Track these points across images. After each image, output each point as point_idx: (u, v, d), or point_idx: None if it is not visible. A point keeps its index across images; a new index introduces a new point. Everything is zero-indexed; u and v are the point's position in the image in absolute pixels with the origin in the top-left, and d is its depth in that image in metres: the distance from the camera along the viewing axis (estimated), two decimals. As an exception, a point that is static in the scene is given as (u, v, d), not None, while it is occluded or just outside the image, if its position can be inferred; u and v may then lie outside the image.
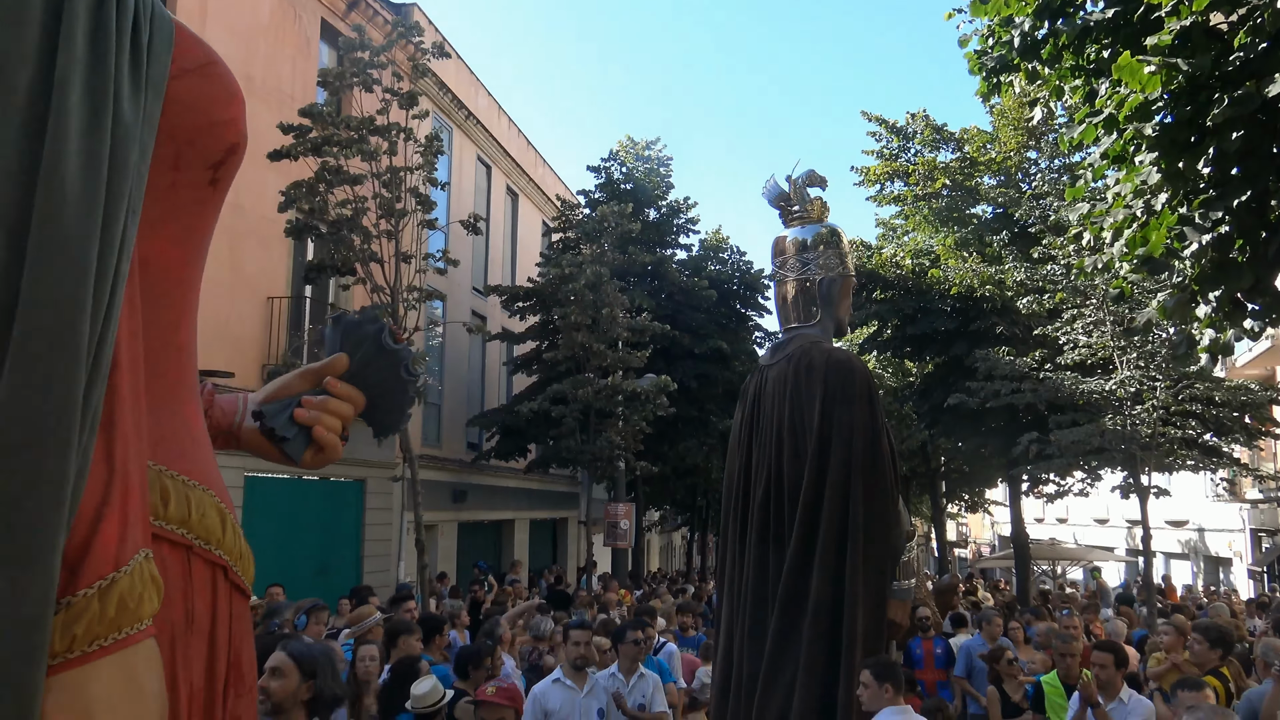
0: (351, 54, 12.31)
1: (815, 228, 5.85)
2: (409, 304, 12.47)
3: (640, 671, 7.11)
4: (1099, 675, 5.89)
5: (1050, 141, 18.65)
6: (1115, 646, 6.33)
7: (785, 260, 5.85)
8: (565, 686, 6.11)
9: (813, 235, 5.81)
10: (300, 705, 3.50)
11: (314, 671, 3.55)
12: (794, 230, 5.87)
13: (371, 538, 17.65)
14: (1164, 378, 14.12)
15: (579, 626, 6.51)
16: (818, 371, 5.40)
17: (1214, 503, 25.77)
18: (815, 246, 5.77)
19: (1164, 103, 5.53)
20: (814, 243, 5.78)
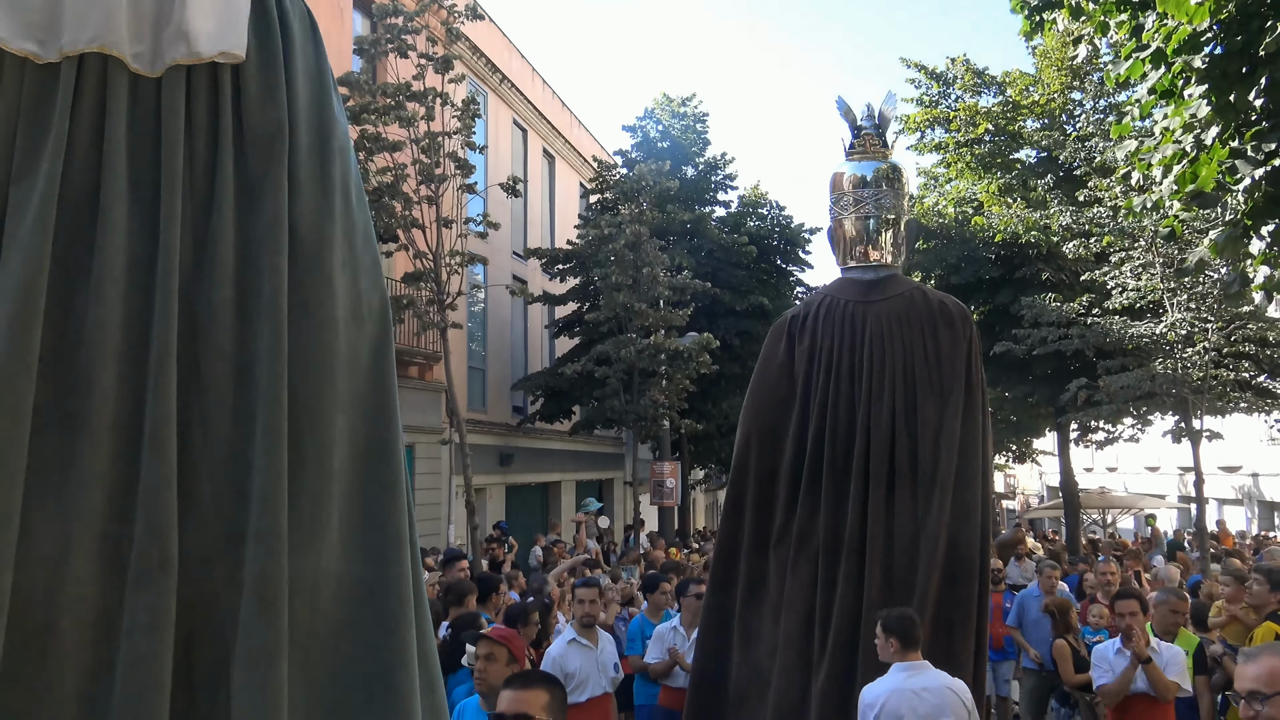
0: (385, 20, 12.33)
1: (895, 163, 5.50)
2: (451, 269, 12.57)
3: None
4: (1129, 623, 5.64)
5: (1095, 80, 18.26)
6: (1138, 593, 6.09)
7: (876, 194, 5.35)
8: (581, 646, 6.09)
9: (899, 171, 5.46)
10: None
11: None
12: (875, 163, 5.39)
13: (422, 502, 17.92)
14: (1215, 319, 13.88)
15: (585, 585, 6.52)
16: (959, 320, 5.16)
17: (1269, 446, 25.35)
18: (903, 182, 5.46)
19: (1213, 34, 5.41)
20: (903, 179, 5.46)
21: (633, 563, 13.78)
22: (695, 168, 25.74)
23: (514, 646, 4.59)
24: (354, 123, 11.87)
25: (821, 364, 5.16)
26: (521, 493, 23.48)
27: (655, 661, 7.15)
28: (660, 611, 7.83)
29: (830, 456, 5.01)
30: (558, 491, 25.62)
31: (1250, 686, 2.57)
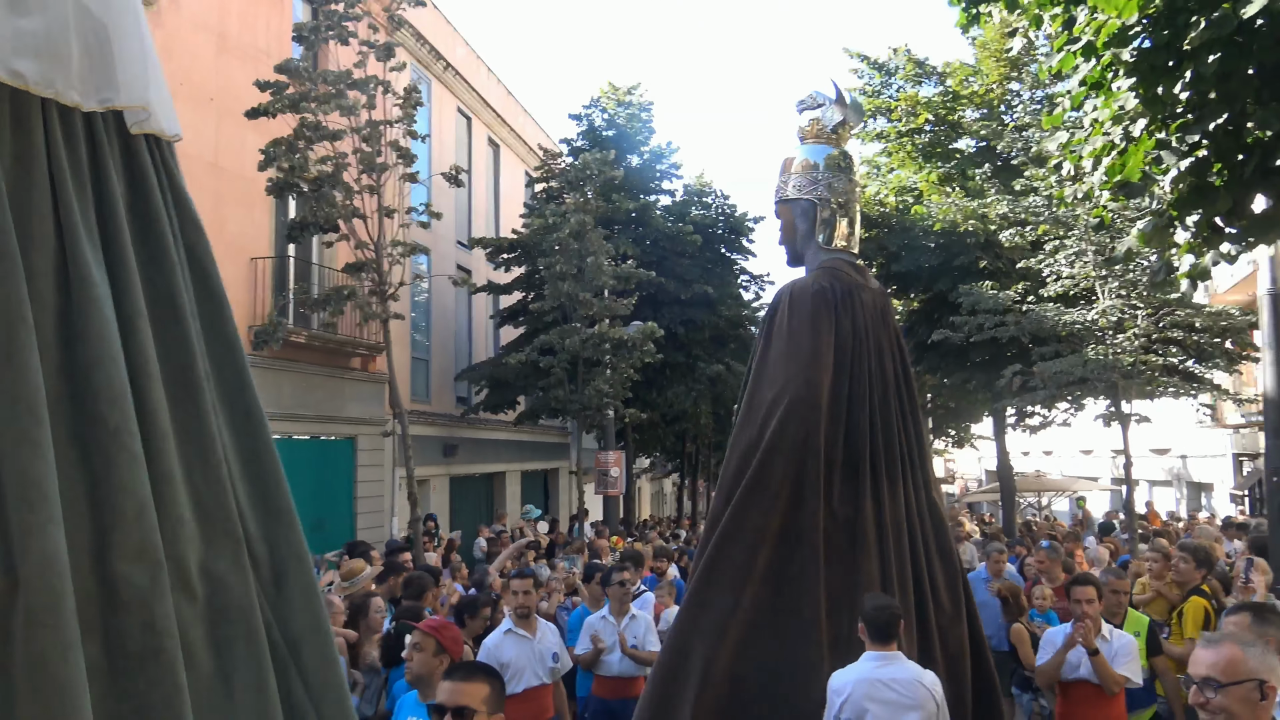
0: (325, 6, 12.15)
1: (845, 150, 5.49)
2: (393, 259, 12.45)
3: (631, 613, 7.35)
4: (1085, 610, 5.51)
5: (1031, 72, 18.60)
6: (1095, 579, 5.95)
7: (850, 178, 5.29)
8: (518, 636, 6.10)
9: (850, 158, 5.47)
10: None
11: None
12: (831, 147, 5.29)
13: (364, 494, 17.78)
14: (1145, 306, 14.25)
15: (520, 576, 6.49)
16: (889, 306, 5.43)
17: (1197, 429, 26.10)
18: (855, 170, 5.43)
19: (1141, 27, 5.54)
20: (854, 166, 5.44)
21: (576, 552, 13.81)
22: (640, 157, 25.76)
23: (443, 637, 4.57)
24: (293, 111, 11.71)
25: (864, 347, 4.99)
26: (466, 484, 23.38)
27: (583, 651, 7.25)
28: (601, 603, 7.91)
29: (877, 445, 4.83)
30: (502, 482, 25.55)
31: (1205, 673, 2.56)
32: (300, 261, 16.16)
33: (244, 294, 14.80)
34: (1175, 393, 15.86)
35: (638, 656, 7.15)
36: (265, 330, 13.27)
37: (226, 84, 14.49)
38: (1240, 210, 6.04)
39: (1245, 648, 2.59)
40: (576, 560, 12.16)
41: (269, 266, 15.30)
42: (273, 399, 15.20)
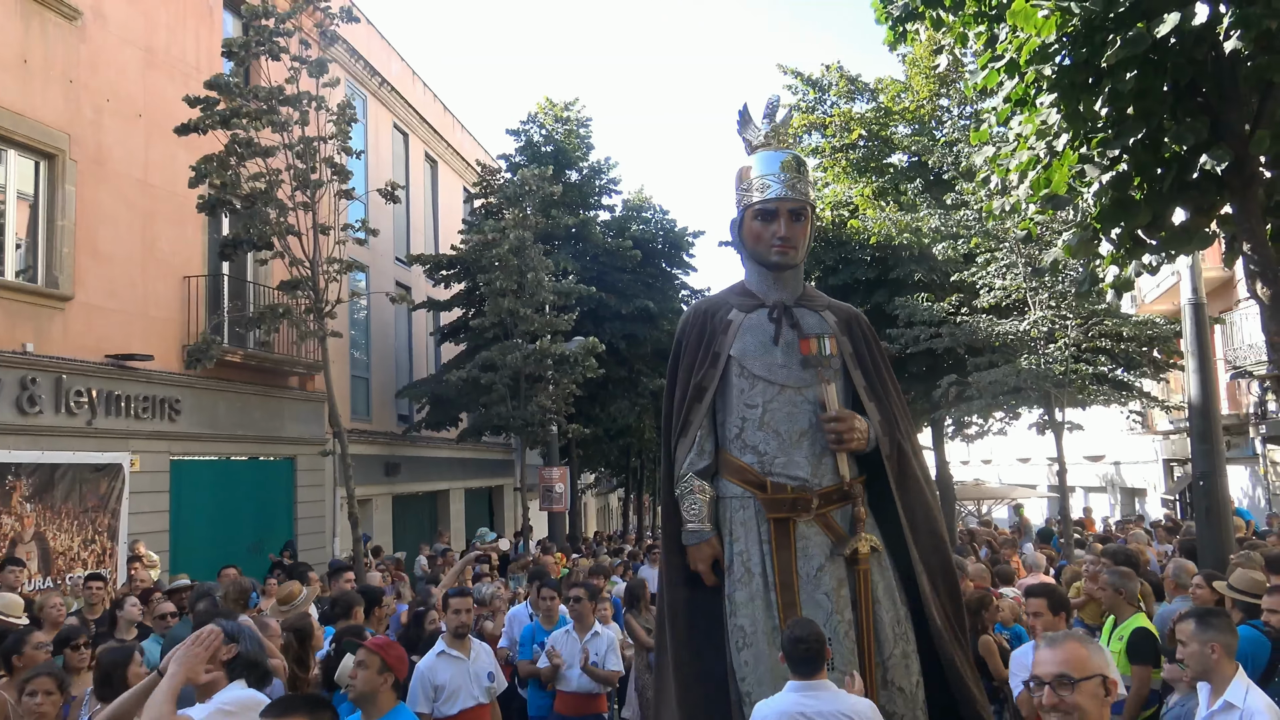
0: (256, 22, 12.01)
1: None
2: (330, 276, 12.32)
3: (595, 630, 7.29)
4: (1034, 624, 5.33)
5: (959, 89, 18.99)
6: (1049, 589, 5.76)
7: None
8: (451, 658, 6.02)
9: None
10: (219, 664, 3.66)
11: (237, 638, 3.76)
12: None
13: (305, 515, 17.52)
14: (1074, 316, 14.59)
15: (459, 595, 6.39)
16: None
17: (1128, 436, 26.73)
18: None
19: (1061, 45, 5.70)
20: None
21: (521, 569, 13.73)
22: (579, 172, 25.81)
23: (388, 656, 4.51)
24: (224, 127, 11.54)
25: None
26: (408, 502, 23.14)
27: (544, 667, 7.18)
28: (553, 619, 7.85)
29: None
30: (446, 500, 25.32)
31: (1058, 670, 2.56)
32: (234, 279, 15.91)
33: (177, 313, 14.53)
34: (1106, 401, 16.24)
35: (596, 674, 7.09)
36: (199, 349, 13.04)
37: (155, 100, 14.25)
38: (1160, 223, 6.22)
39: (1087, 644, 2.63)
40: (522, 579, 12.09)
41: (202, 285, 15.04)
42: (208, 419, 14.94)
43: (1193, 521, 12.21)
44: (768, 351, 4.43)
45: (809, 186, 4.57)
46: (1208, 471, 9.48)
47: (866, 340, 4.67)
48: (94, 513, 12.71)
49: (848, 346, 4.55)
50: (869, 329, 4.75)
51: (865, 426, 4.34)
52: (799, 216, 4.48)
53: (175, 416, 14.20)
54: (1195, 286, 9.89)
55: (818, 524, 4.27)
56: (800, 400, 4.36)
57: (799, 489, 4.26)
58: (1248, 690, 3.98)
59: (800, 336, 4.43)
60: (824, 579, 4.21)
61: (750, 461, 4.35)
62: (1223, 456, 9.82)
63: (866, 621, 4.20)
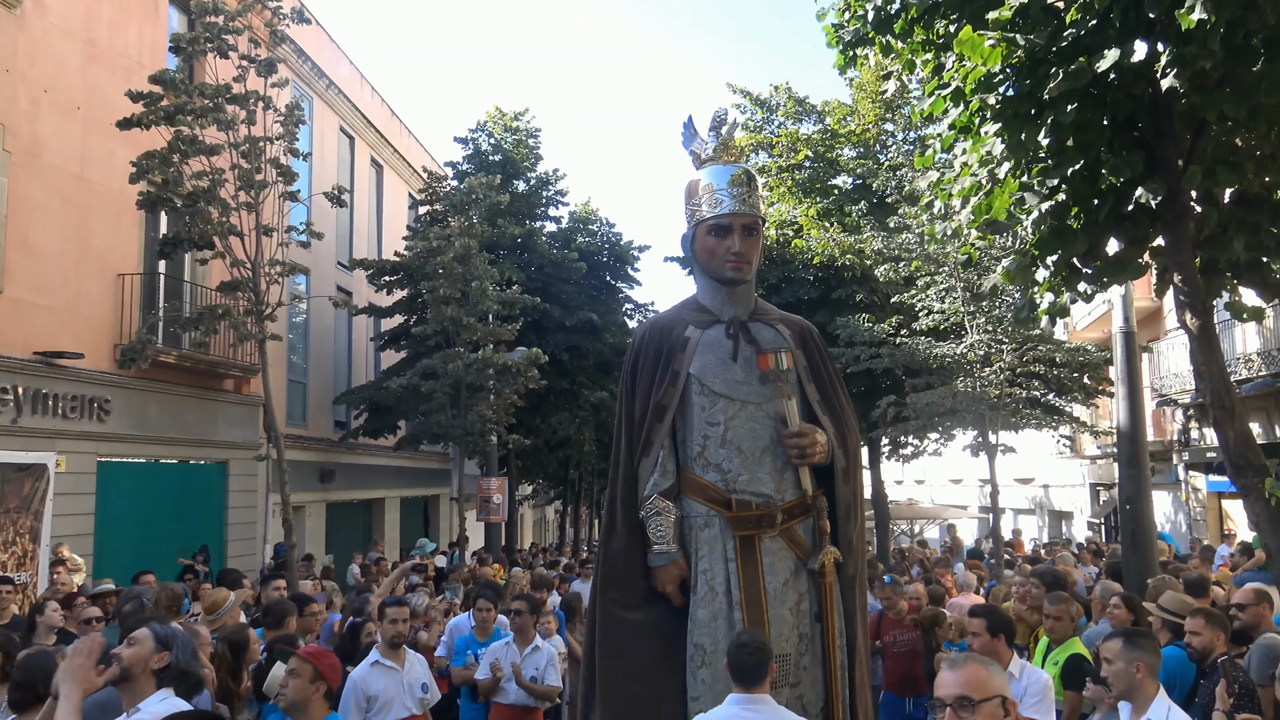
0: (205, 18, 11.82)
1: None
2: (271, 279, 12.14)
3: (535, 644, 7.17)
4: (972, 644, 5.27)
5: (905, 114, 19.34)
6: (990, 611, 5.64)
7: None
8: (385, 668, 5.95)
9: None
10: (149, 674, 3.54)
11: (169, 644, 3.61)
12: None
13: (236, 520, 17.18)
14: (1010, 341, 14.90)
15: (396, 604, 6.32)
16: None
17: (1057, 459, 27.32)
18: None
19: (1005, 76, 5.84)
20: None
21: (458, 581, 13.62)
22: (527, 182, 25.76)
23: (321, 664, 4.43)
24: (168, 123, 11.33)
25: None
26: (343, 510, 22.82)
27: (483, 678, 7.07)
28: (488, 631, 7.77)
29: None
30: (381, 509, 25.02)
31: (959, 692, 2.57)
32: (171, 279, 15.60)
33: (110, 311, 14.20)
34: (1038, 425, 16.59)
35: (534, 690, 6.98)
36: (133, 348, 12.75)
37: (95, 93, 13.94)
38: (1096, 252, 6.40)
39: (987, 666, 2.66)
40: (459, 589, 11.98)
41: (137, 283, 14.72)
42: (138, 421, 14.60)
43: (1118, 545, 12.52)
44: (727, 368, 4.38)
45: (760, 201, 4.54)
46: (1134, 496, 9.73)
47: (820, 353, 4.64)
48: (16, 514, 12.33)
49: (802, 360, 4.51)
50: (821, 342, 4.73)
51: (826, 440, 4.33)
52: (751, 231, 4.46)
53: (104, 417, 13.85)
54: (1127, 315, 10.17)
55: (783, 539, 4.25)
56: (761, 416, 4.32)
57: (764, 505, 4.21)
58: (1169, 710, 4.07)
59: (757, 352, 4.38)
60: (789, 594, 4.22)
61: (714, 479, 4.30)
62: (1149, 482, 10.08)
63: (831, 634, 4.22)
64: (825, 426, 4.39)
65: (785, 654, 4.16)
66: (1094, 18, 5.39)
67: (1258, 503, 5.63)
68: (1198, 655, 5.10)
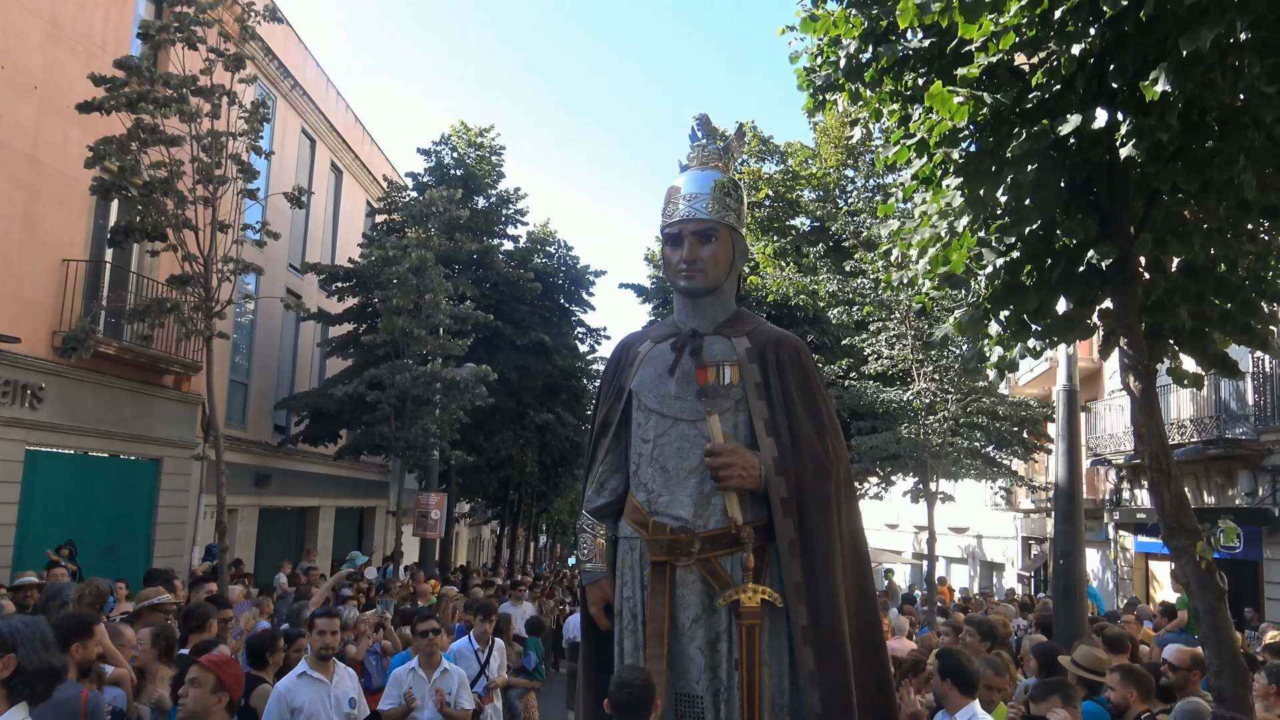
0: (175, 7, 11.67)
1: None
2: (223, 275, 11.95)
3: (443, 666, 6.88)
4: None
5: (867, 161, 19.66)
6: (943, 653, 5.43)
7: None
8: (312, 680, 5.83)
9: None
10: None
11: (13, 645, 2.91)
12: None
13: (165, 520, 16.78)
14: (955, 391, 15.15)
15: (326, 615, 6.16)
16: None
17: (991, 511, 27.73)
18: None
19: (969, 132, 5.96)
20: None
21: (391, 595, 13.44)
22: (487, 199, 25.73)
23: (224, 674, 4.23)
24: (129, 110, 11.14)
25: None
26: (276, 516, 22.40)
27: (391, 706, 6.68)
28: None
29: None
30: (315, 517, 24.60)
31: None
32: (118, 268, 15.29)
33: (52, 297, 13.88)
34: (977, 475, 16.85)
35: (451, 716, 6.70)
36: (74, 337, 12.44)
37: (55, 74, 13.69)
38: (1046, 310, 6.53)
39: None
40: (390, 603, 11.82)
41: (83, 270, 14.41)
42: (72, 411, 14.25)
43: (1048, 598, 12.71)
44: (662, 382, 4.08)
45: (726, 206, 4.16)
46: (1068, 551, 9.90)
47: (783, 369, 4.13)
48: (-64, 498, 11.95)
49: (754, 375, 4.06)
50: (794, 358, 4.21)
51: (754, 464, 3.87)
52: (708, 237, 4.11)
53: (36, 405, 13.50)
54: (1070, 374, 10.38)
55: (700, 570, 3.84)
56: (694, 434, 3.96)
57: (679, 530, 3.86)
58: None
59: (698, 365, 4.06)
60: (699, 632, 3.83)
61: (641, 499, 4.03)
62: (1082, 538, 10.27)
63: (749, 684, 3.73)
64: (764, 449, 3.92)
65: (693, 695, 3.80)
66: (1058, 83, 5.54)
67: (1189, 565, 5.75)
68: (1115, 711, 5.21)
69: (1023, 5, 5.22)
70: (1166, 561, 15.24)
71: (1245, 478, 15.83)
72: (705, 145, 4.46)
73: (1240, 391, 15.96)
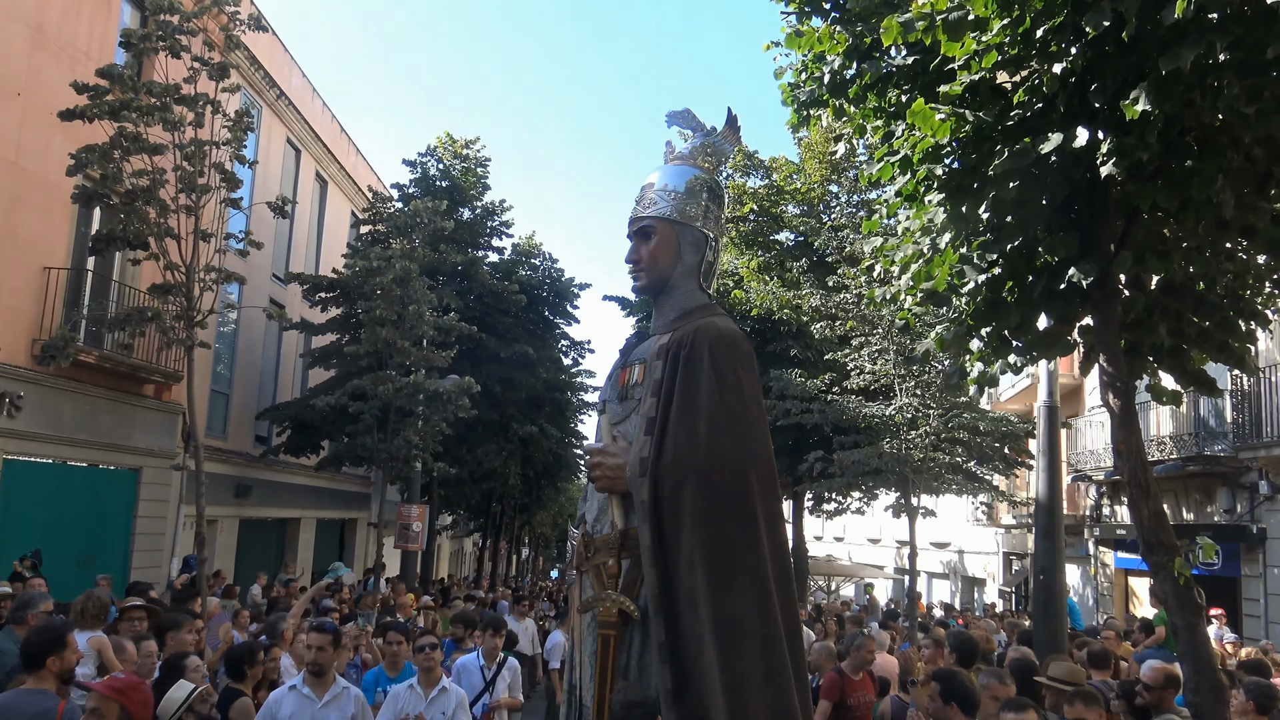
0: (159, 16, 11.64)
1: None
2: (205, 285, 11.88)
3: (442, 684, 6.68)
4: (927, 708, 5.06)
5: (850, 177, 19.75)
6: (947, 675, 5.29)
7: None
8: (302, 695, 5.73)
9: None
10: None
11: None
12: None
13: (143, 530, 16.65)
14: (937, 406, 15.20)
15: (317, 630, 6.04)
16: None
17: (973, 526, 27.80)
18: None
19: (952, 149, 6.00)
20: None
21: (370, 607, 13.35)
22: (472, 210, 25.71)
23: (130, 700, 4.01)
24: (113, 118, 11.09)
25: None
26: (257, 528, 22.25)
27: None
28: (398, 666, 7.40)
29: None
30: (296, 529, 24.46)
31: None
32: (100, 276, 15.20)
33: (32, 305, 13.79)
34: (958, 490, 16.90)
35: None
36: (54, 345, 12.34)
37: (38, 81, 13.64)
38: (1027, 326, 6.57)
39: None
40: (371, 615, 11.74)
41: (64, 278, 14.32)
42: (50, 420, 14.14)
43: (1026, 613, 12.76)
44: (612, 387, 3.94)
45: (667, 199, 3.91)
46: (1048, 567, 9.93)
47: (690, 364, 3.64)
48: (-90, 507, 11.82)
49: (655, 372, 3.70)
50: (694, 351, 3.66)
51: (621, 465, 3.57)
52: (647, 235, 3.88)
53: (15, 413, 13.38)
54: (1051, 390, 10.44)
55: (591, 575, 3.66)
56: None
57: (585, 535, 3.74)
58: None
59: (621, 367, 3.90)
60: (589, 639, 3.63)
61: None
62: (1063, 554, 10.31)
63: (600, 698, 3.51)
64: (635, 449, 3.59)
65: (585, 704, 3.59)
66: (1040, 101, 5.59)
67: (1167, 581, 5.78)
68: None
69: (1005, 24, 5.27)
70: (1147, 577, 15.31)
71: (1224, 494, 15.94)
72: (675, 148, 4.17)
73: (1219, 409, 16.09)
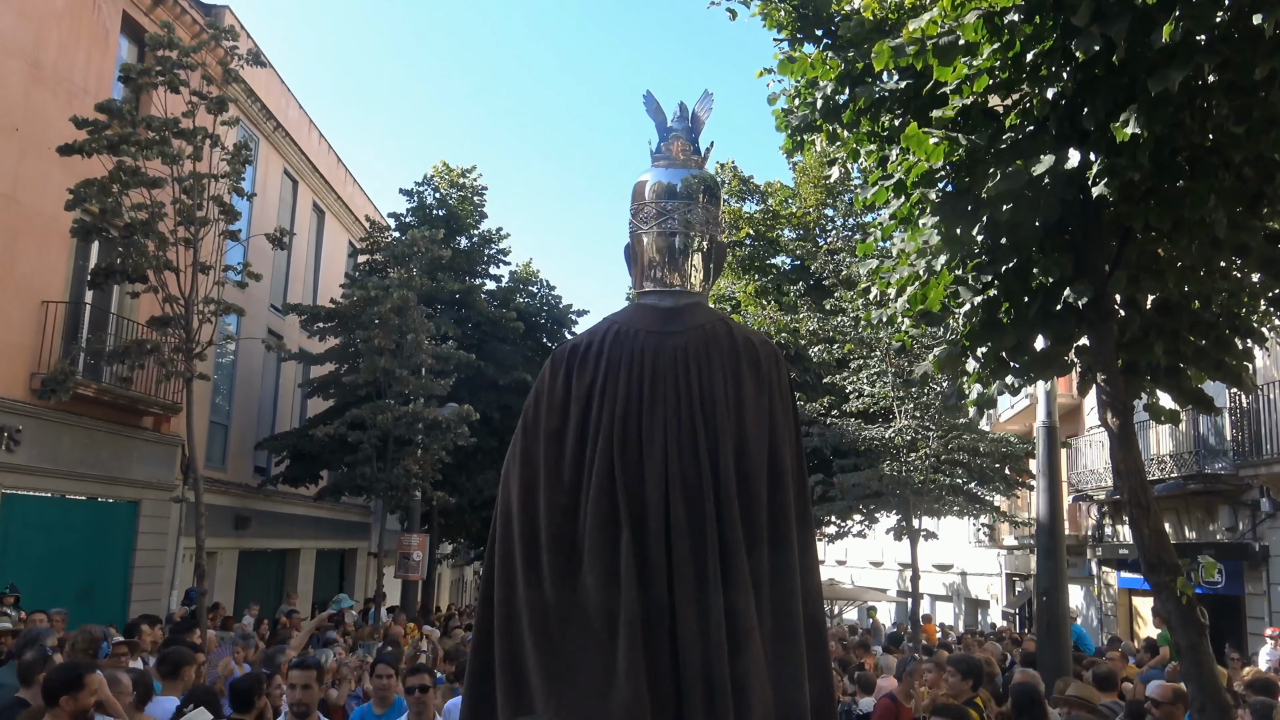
0: (159, 51, 11.74)
1: (707, 174, 4.11)
2: (204, 317, 11.92)
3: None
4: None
5: (846, 201, 19.87)
6: (964, 659, 5.38)
7: (685, 207, 3.90)
8: None
9: (711, 183, 4.07)
10: None
11: None
12: (685, 171, 3.99)
13: (143, 564, 16.57)
14: (936, 428, 15.21)
15: (300, 667, 5.81)
16: (764, 362, 3.64)
17: (975, 548, 27.71)
18: (716, 197, 4.07)
19: (945, 172, 6.04)
20: (716, 193, 4.09)
21: (369, 637, 13.29)
22: (469, 239, 25.78)
23: None
24: (111, 153, 11.16)
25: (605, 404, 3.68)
26: (256, 559, 22.15)
27: None
28: (387, 701, 7.04)
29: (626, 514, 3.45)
30: (296, 560, 24.34)
31: None
32: (98, 310, 15.22)
33: (31, 339, 13.79)
34: (960, 512, 16.87)
35: None
36: (54, 379, 12.35)
37: (36, 116, 13.71)
38: (1024, 347, 6.60)
39: None
40: (372, 647, 11.68)
41: (62, 311, 14.34)
42: (49, 453, 14.11)
43: (1033, 636, 12.69)
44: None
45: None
46: (1051, 587, 9.90)
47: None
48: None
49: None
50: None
51: None
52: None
53: (14, 447, 13.36)
54: (1050, 411, 10.45)
55: None
56: None
57: None
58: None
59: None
60: None
61: None
62: (1065, 574, 10.28)
63: None
64: None
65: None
66: (1032, 124, 5.63)
67: (1169, 600, 5.77)
68: None
69: (996, 49, 5.32)
70: (1150, 597, 15.27)
71: (1225, 513, 15.90)
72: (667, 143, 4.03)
73: (1219, 427, 16.09)
